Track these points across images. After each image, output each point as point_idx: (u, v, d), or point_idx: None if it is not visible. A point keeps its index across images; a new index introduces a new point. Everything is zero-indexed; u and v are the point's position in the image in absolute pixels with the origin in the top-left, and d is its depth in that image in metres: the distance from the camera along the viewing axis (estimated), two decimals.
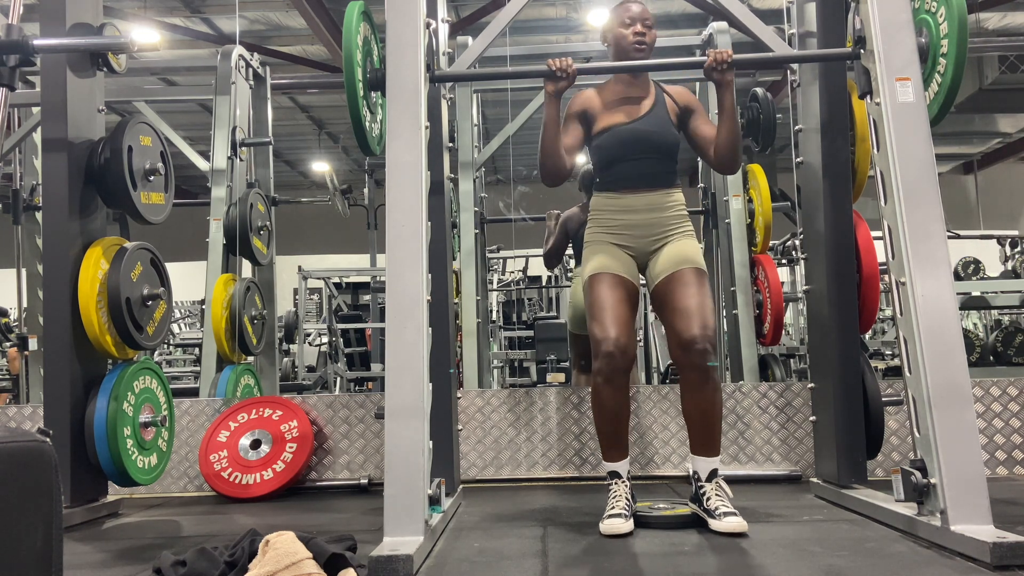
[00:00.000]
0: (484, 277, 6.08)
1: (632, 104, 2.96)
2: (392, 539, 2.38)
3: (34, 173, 5.86)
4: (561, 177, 2.94)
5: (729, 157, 2.91)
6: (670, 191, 2.95)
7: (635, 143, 2.91)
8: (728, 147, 2.88)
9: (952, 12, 2.74)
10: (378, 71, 3.06)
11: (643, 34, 2.95)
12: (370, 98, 3.10)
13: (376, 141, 3.18)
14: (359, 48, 2.92)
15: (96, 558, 2.63)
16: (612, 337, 2.76)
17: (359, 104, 2.95)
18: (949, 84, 2.80)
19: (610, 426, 2.81)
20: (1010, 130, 12.79)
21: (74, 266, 3.25)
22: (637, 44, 2.93)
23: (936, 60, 2.84)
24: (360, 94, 2.95)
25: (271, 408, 3.95)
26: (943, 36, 2.79)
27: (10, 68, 2.93)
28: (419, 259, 2.68)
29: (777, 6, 3.99)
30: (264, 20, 8.76)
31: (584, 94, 3.03)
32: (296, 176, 15.36)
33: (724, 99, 2.85)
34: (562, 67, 2.85)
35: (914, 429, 2.53)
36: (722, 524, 2.60)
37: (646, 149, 2.91)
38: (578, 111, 2.99)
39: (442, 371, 3.16)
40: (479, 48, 3.68)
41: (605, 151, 2.96)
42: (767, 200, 4.81)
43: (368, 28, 3.07)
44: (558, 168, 2.90)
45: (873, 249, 3.24)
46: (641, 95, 2.97)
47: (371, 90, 3.09)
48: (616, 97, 2.98)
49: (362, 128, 3.01)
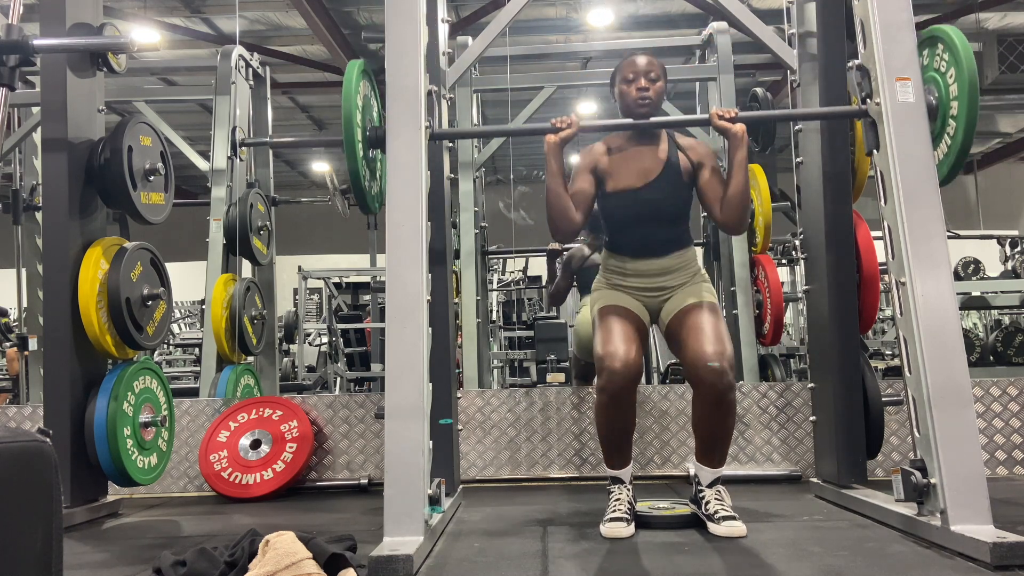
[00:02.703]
0: (484, 277, 6.08)
1: (643, 163, 2.84)
2: (392, 539, 2.38)
3: (34, 173, 5.86)
4: (573, 232, 2.84)
5: (736, 215, 2.78)
6: (682, 252, 2.87)
7: (646, 213, 2.82)
8: (735, 204, 2.76)
9: (963, 75, 2.66)
10: (378, 129, 3.02)
11: (646, 89, 2.81)
12: (369, 156, 3.06)
13: (375, 199, 3.14)
14: (358, 109, 2.88)
15: (96, 558, 2.63)
16: (619, 353, 2.66)
17: (359, 164, 2.91)
18: (959, 148, 2.71)
19: (614, 443, 2.76)
20: (1010, 130, 12.79)
21: (74, 266, 3.25)
22: (640, 100, 2.81)
23: (946, 121, 2.75)
24: (360, 155, 2.91)
25: (271, 408, 3.95)
26: (953, 98, 2.71)
27: (10, 68, 2.92)
28: (419, 259, 2.68)
29: (777, 6, 3.99)
30: (264, 20, 8.76)
31: (594, 149, 2.92)
32: (296, 176, 15.35)
33: (734, 153, 2.74)
34: (566, 122, 2.78)
35: (914, 429, 2.53)
36: (721, 528, 2.60)
37: (657, 218, 2.83)
38: (589, 165, 2.88)
39: (442, 371, 3.16)
40: (479, 48, 3.69)
41: (616, 218, 2.89)
42: (767, 200, 4.81)
43: (367, 86, 3.03)
44: (568, 222, 2.79)
45: (873, 249, 3.24)
46: (652, 151, 2.86)
47: (370, 148, 3.04)
48: (626, 153, 2.87)
49: (361, 188, 2.97)
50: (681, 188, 2.86)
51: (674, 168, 2.84)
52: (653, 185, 2.82)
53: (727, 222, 2.82)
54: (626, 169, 2.85)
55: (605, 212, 2.92)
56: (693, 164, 2.86)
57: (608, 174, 2.86)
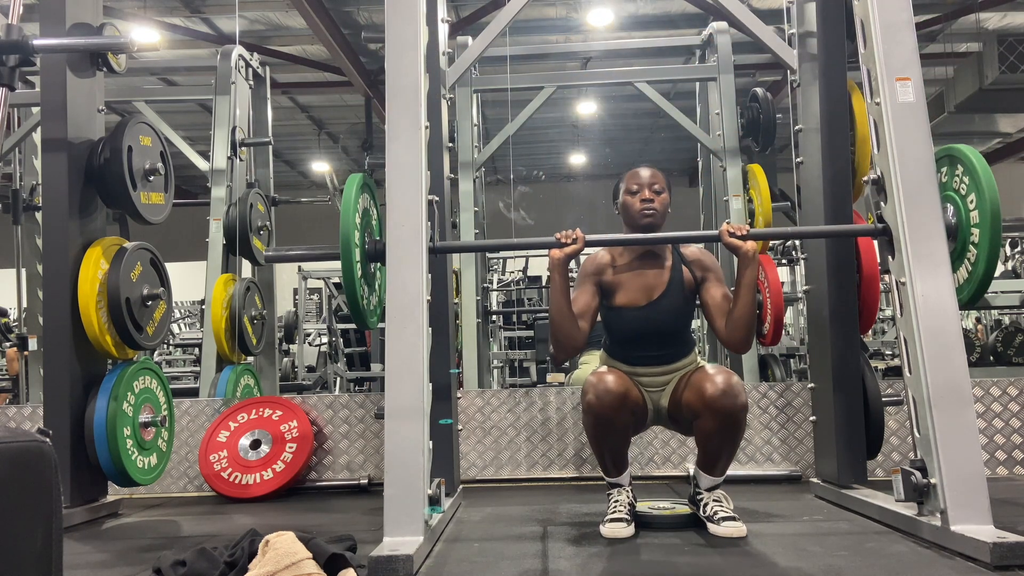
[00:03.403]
0: (484, 277, 6.08)
1: (647, 280, 2.81)
2: (392, 539, 2.38)
3: (34, 173, 5.86)
4: (577, 347, 2.76)
5: (741, 335, 2.71)
6: (683, 360, 2.83)
7: (650, 332, 2.79)
8: (742, 323, 2.69)
9: (984, 203, 2.62)
10: (377, 242, 2.91)
11: (651, 200, 2.78)
12: (368, 270, 2.96)
13: (373, 313, 3.03)
14: (357, 228, 2.77)
15: (96, 558, 2.63)
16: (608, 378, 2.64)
17: (356, 283, 2.79)
18: (981, 277, 2.67)
19: (607, 458, 2.74)
20: (1010, 130, 12.79)
21: (74, 266, 3.25)
22: (645, 211, 2.78)
23: (966, 246, 2.71)
24: (358, 275, 2.79)
25: (271, 408, 3.95)
26: (974, 224, 2.67)
27: (10, 68, 2.93)
28: (419, 259, 2.67)
29: (777, 6, 3.99)
30: (264, 20, 8.76)
31: (599, 259, 2.87)
32: (296, 176, 15.35)
33: (742, 273, 2.67)
34: (571, 236, 2.70)
35: (914, 429, 2.53)
36: (721, 529, 2.60)
37: (660, 335, 2.80)
38: (593, 275, 2.83)
39: (442, 371, 3.16)
40: (479, 48, 3.69)
41: (617, 332, 2.85)
42: (767, 200, 4.81)
43: (367, 198, 2.95)
44: (573, 338, 2.71)
45: (873, 249, 3.24)
46: (656, 265, 2.83)
47: (370, 262, 2.94)
48: (631, 268, 2.83)
49: (358, 305, 2.85)
50: (685, 305, 2.83)
51: (678, 285, 2.81)
52: (656, 304, 2.79)
53: (731, 341, 2.74)
54: (630, 285, 2.81)
55: (607, 323, 2.88)
56: (697, 279, 2.83)
57: (612, 288, 2.82)
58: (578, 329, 2.72)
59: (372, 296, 3.04)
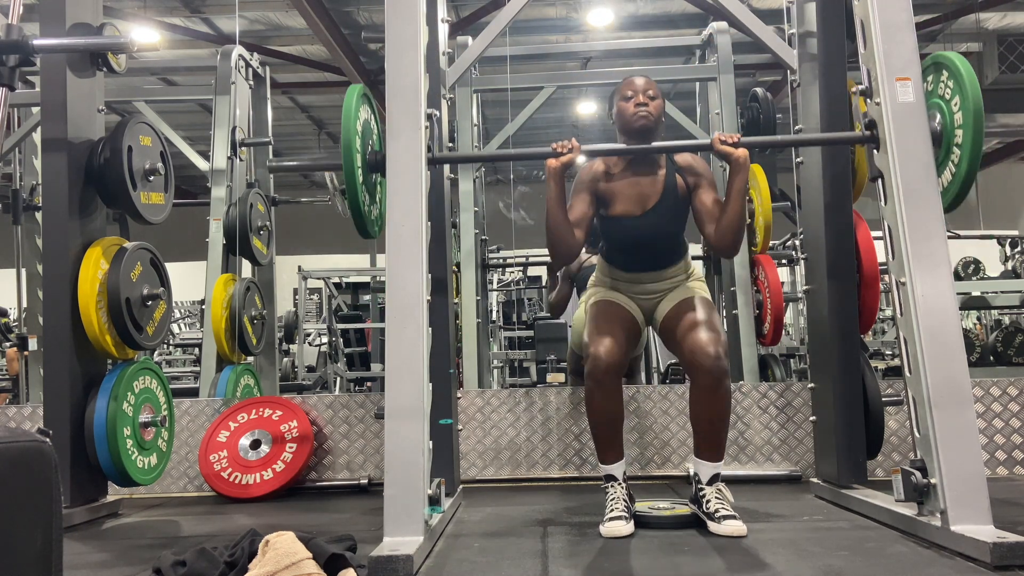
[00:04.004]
0: (484, 277, 6.07)
1: (642, 189, 2.87)
2: (392, 539, 2.38)
3: (34, 173, 5.86)
4: (573, 255, 2.88)
5: (730, 239, 2.80)
6: (677, 265, 2.94)
7: (645, 239, 2.88)
8: (731, 228, 2.78)
9: (967, 103, 2.65)
10: (377, 153, 3.00)
11: (645, 104, 2.84)
12: (370, 180, 3.05)
13: (375, 223, 3.13)
14: (358, 134, 2.87)
15: (96, 558, 2.63)
16: (605, 340, 2.75)
17: (358, 190, 2.90)
18: (964, 176, 2.71)
19: (602, 430, 2.80)
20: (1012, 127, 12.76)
21: (74, 266, 3.25)
22: (639, 114, 2.84)
23: (950, 148, 2.76)
24: (359, 181, 2.90)
25: (271, 408, 3.95)
26: (958, 126, 2.71)
27: (10, 68, 2.92)
28: (419, 259, 2.68)
29: (777, 6, 3.99)
30: (264, 20, 8.76)
31: (593, 167, 2.94)
32: (296, 176, 15.34)
33: (733, 179, 2.76)
34: (567, 146, 2.79)
35: (914, 429, 2.53)
36: (721, 527, 2.60)
37: (655, 241, 2.90)
38: (589, 184, 2.90)
39: (442, 371, 3.16)
40: (479, 48, 3.69)
41: (614, 240, 2.94)
42: (767, 200, 4.80)
43: (367, 110, 3.03)
44: (568, 246, 2.82)
45: (873, 249, 3.24)
46: (651, 174, 2.89)
47: (371, 172, 3.03)
48: (625, 173, 2.90)
49: (360, 213, 2.95)
50: (679, 213, 2.90)
51: (672, 193, 2.88)
52: (651, 213, 2.87)
53: (719, 246, 2.84)
54: (625, 194, 2.88)
55: (603, 231, 2.97)
56: (689, 185, 2.90)
57: (608, 197, 2.89)
58: (573, 236, 2.81)
59: (373, 207, 3.12)
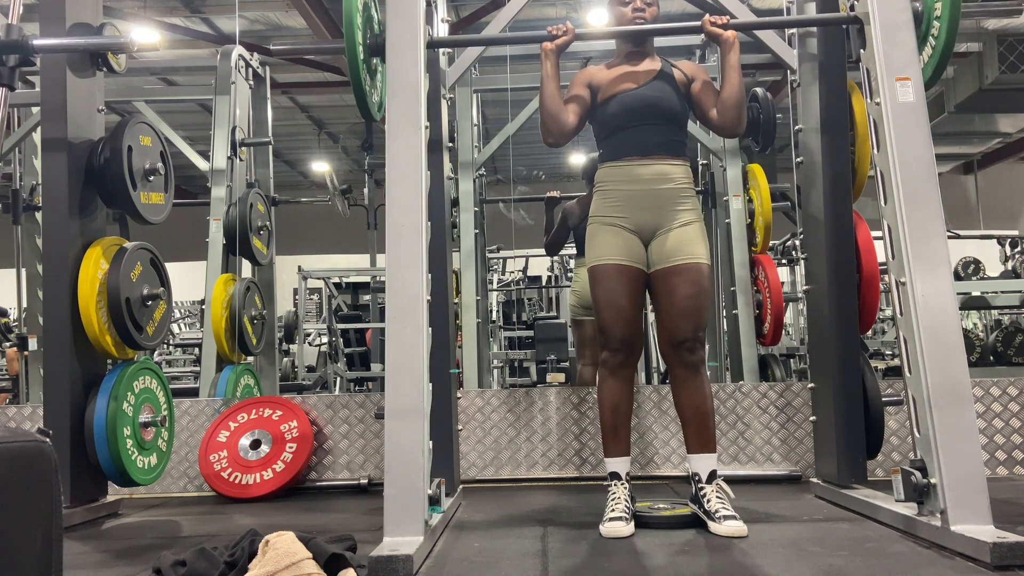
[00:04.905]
0: (484, 277, 6.07)
1: (639, 72, 2.93)
2: (392, 539, 2.38)
3: (34, 173, 5.86)
4: (564, 134, 2.88)
5: (733, 114, 2.84)
6: (676, 161, 2.88)
7: (641, 108, 2.87)
8: (731, 104, 2.82)
9: None
10: (378, 37, 3.06)
11: (642, 10, 2.94)
12: (371, 63, 3.10)
13: (376, 107, 3.18)
14: (359, 12, 2.91)
15: (96, 558, 2.63)
16: (619, 333, 2.80)
17: (359, 68, 2.94)
18: (943, 48, 2.81)
19: (612, 418, 2.83)
20: (1010, 130, 12.77)
21: (74, 266, 3.25)
22: (636, 19, 2.93)
23: (930, 23, 2.84)
24: (360, 57, 2.94)
25: (271, 408, 3.95)
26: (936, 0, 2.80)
27: (10, 68, 2.93)
28: (419, 259, 2.68)
29: (777, 6, 3.99)
30: (264, 20, 8.76)
31: (589, 68, 3.03)
32: (296, 176, 15.34)
33: (726, 56, 2.82)
34: (562, 29, 2.91)
35: (914, 429, 2.53)
36: (721, 528, 2.60)
37: (652, 114, 2.87)
38: (585, 80, 2.97)
39: (442, 371, 3.16)
40: (479, 48, 3.68)
41: (610, 117, 2.91)
42: (767, 200, 4.81)
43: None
44: (561, 123, 2.87)
45: (873, 249, 3.24)
46: (647, 67, 2.94)
47: (371, 56, 3.08)
48: (622, 68, 2.96)
49: (362, 91, 3.00)
50: (676, 92, 2.92)
51: (668, 76, 2.93)
52: (649, 84, 2.90)
53: (724, 123, 2.87)
54: (621, 78, 2.94)
55: (602, 118, 2.95)
56: (687, 77, 2.95)
57: (604, 84, 2.95)
58: (566, 114, 2.87)
59: (374, 90, 3.16)
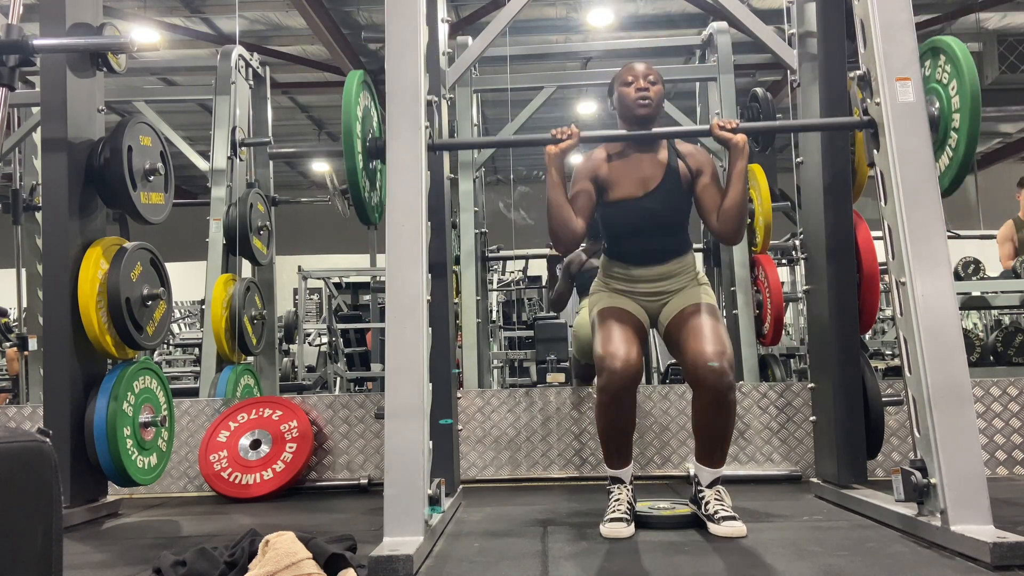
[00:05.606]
0: (484, 277, 6.07)
1: (643, 172, 2.85)
2: (392, 539, 2.38)
3: (34, 173, 5.85)
4: (574, 242, 2.84)
5: (732, 226, 2.78)
6: (681, 259, 2.88)
7: (645, 223, 2.83)
8: (732, 216, 2.76)
9: (964, 88, 2.68)
10: (378, 140, 3.03)
11: (646, 89, 2.84)
12: (370, 167, 3.07)
13: (375, 210, 3.15)
14: (358, 120, 2.89)
15: (96, 558, 2.63)
16: (619, 353, 2.67)
17: (359, 175, 2.92)
18: (961, 161, 2.73)
19: (614, 442, 2.77)
20: (1010, 130, 12.79)
21: (74, 266, 3.25)
22: (640, 99, 2.82)
23: (948, 133, 2.78)
24: (360, 167, 2.92)
25: (271, 408, 3.95)
26: (955, 110, 2.73)
27: (10, 68, 2.92)
28: (419, 259, 2.68)
29: (777, 6, 3.99)
30: (264, 20, 8.76)
31: (594, 155, 2.91)
32: (296, 176, 15.35)
33: (733, 163, 2.75)
34: (566, 132, 2.79)
35: (914, 429, 2.53)
36: (721, 528, 2.60)
37: (657, 227, 2.85)
38: (589, 173, 2.87)
39: (442, 371, 3.16)
40: (479, 48, 3.69)
41: (616, 227, 2.90)
42: (767, 200, 4.80)
43: (368, 96, 3.05)
44: (570, 233, 2.79)
45: (873, 249, 3.24)
46: (652, 157, 2.87)
47: (371, 159, 3.06)
48: (627, 160, 2.87)
49: (361, 199, 2.98)
50: (680, 196, 2.86)
51: (674, 176, 2.85)
52: (653, 195, 2.83)
53: (723, 232, 2.82)
54: (626, 178, 2.85)
55: (605, 220, 2.93)
56: (692, 172, 2.86)
57: (608, 183, 2.86)
58: (575, 221, 2.79)
59: (374, 193, 3.15)
